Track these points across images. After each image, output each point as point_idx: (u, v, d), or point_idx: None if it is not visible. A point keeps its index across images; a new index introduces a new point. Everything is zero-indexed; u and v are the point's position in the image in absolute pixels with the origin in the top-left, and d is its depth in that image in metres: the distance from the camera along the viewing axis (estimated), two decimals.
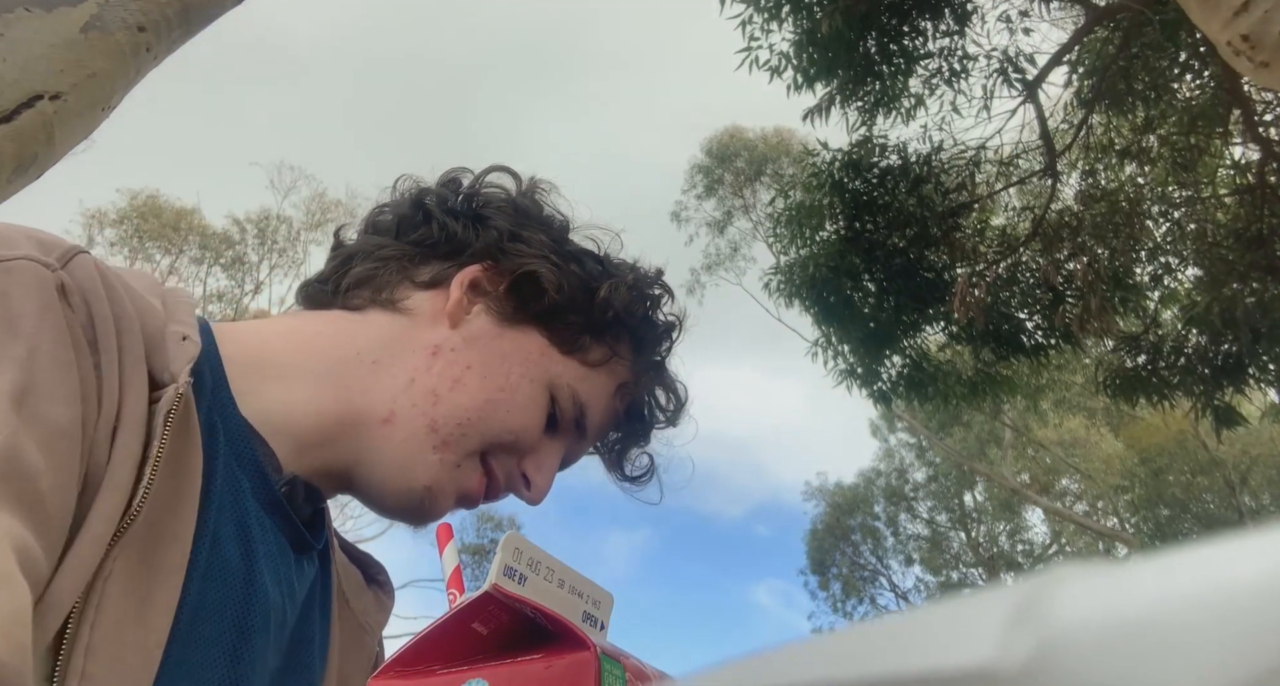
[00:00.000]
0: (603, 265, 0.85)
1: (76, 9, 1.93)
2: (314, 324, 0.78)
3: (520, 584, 0.44)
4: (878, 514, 21.57)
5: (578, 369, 0.81)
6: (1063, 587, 0.15)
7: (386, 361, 0.75)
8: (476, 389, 0.76)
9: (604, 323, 0.82)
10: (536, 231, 0.83)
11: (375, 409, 0.73)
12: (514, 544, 0.45)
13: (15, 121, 1.78)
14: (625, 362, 0.85)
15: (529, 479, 0.80)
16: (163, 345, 0.61)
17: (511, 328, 0.80)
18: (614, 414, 0.85)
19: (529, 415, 0.77)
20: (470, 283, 0.80)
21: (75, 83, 1.89)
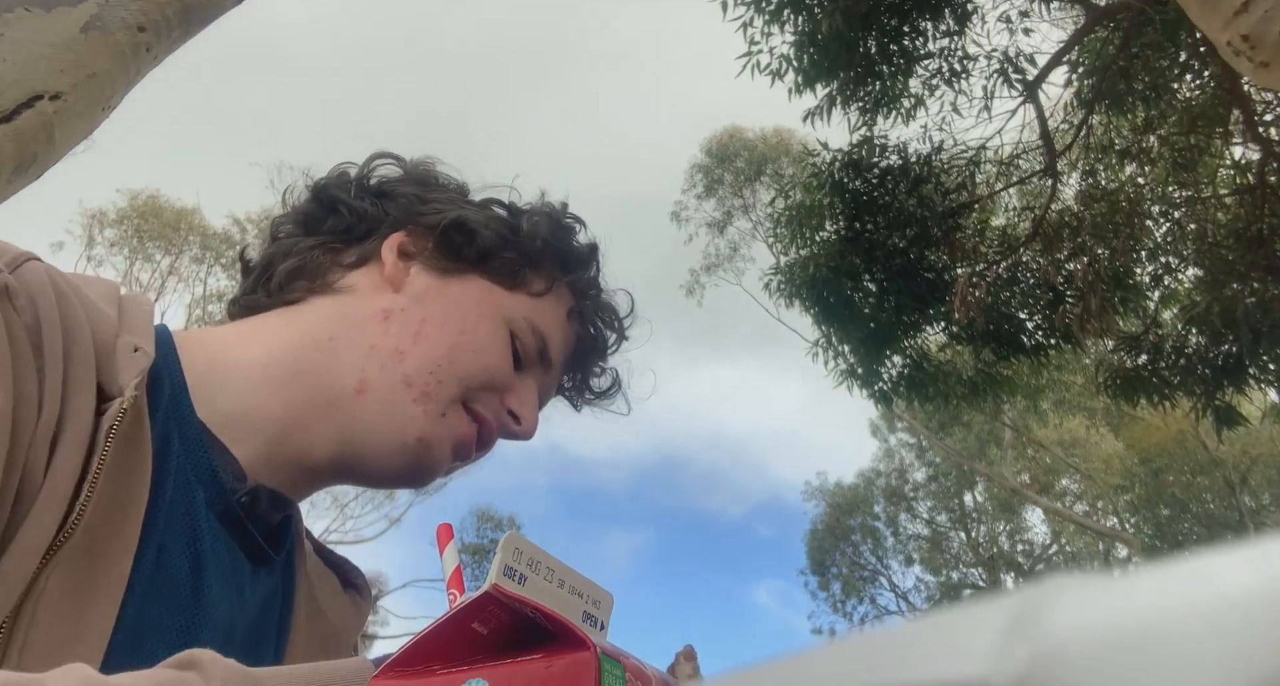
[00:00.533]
0: (511, 207, 0.87)
1: (76, 9, 1.93)
2: (263, 322, 0.79)
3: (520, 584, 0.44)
4: (878, 514, 21.58)
5: (527, 301, 0.83)
6: (1058, 599, 0.15)
7: (342, 336, 0.76)
8: (438, 337, 0.76)
9: (536, 253, 0.84)
10: (441, 191, 0.86)
11: (344, 383, 0.74)
12: (514, 544, 0.45)
13: (15, 121, 1.79)
14: (565, 286, 0.86)
15: (515, 414, 0.80)
16: (113, 356, 0.60)
17: (453, 277, 0.81)
18: (572, 337, 0.86)
19: (495, 353, 0.78)
20: (399, 248, 0.81)
21: (75, 83, 1.89)
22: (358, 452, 0.74)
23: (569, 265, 0.87)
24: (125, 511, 0.58)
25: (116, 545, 0.57)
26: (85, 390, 0.57)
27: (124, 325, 0.65)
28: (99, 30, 1.94)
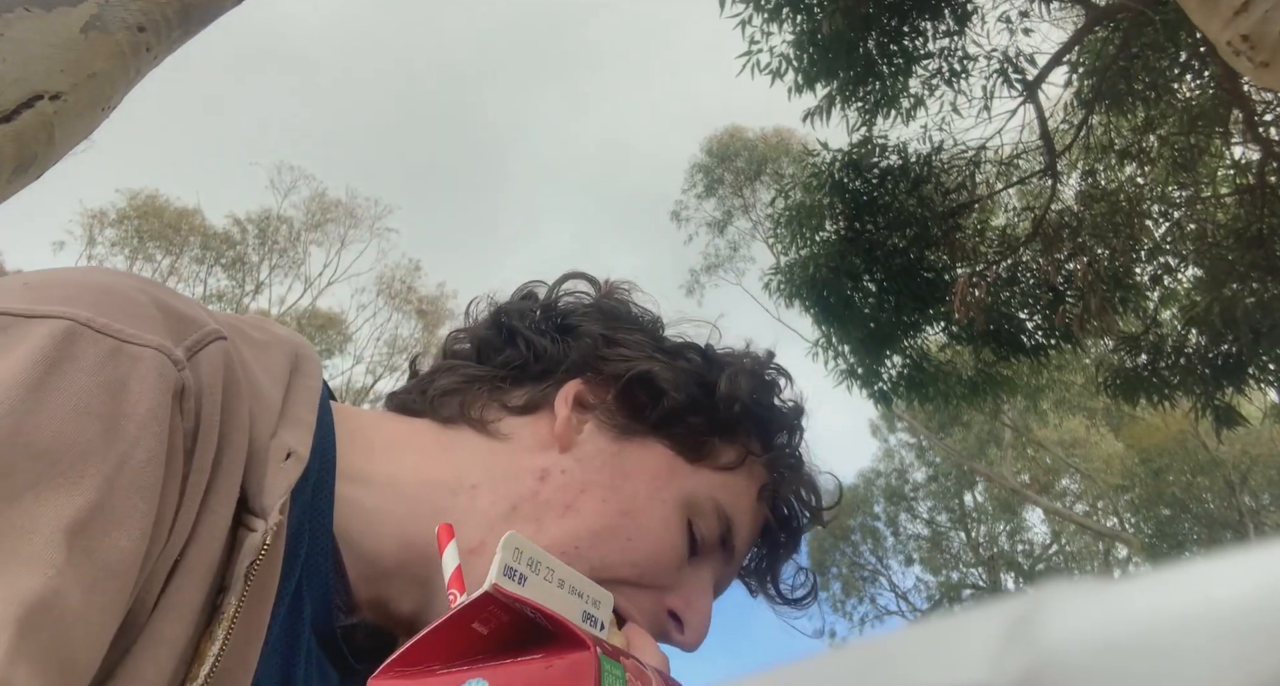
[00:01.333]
0: (709, 357, 0.76)
1: (76, 9, 1.93)
2: (417, 432, 0.69)
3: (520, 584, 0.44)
4: (878, 514, 21.58)
5: (713, 477, 0.70)
6: (1054, 606, 0.15)
7: (486, 486, 0.65)
8: (593, 513, 0.65)
9: (731, 419, 0.72)
10: (632, 332, 0.75)
11: (468, 538, 0.61)
12: (514, 544, 0.45)
13: (15, 121, 1.79)
14: (761, 461, 0.74)
15: (680, 617, 0.67)
16: (265, 462, 0.53)
17: (629, 442, 0.70)
18: (761, 522, 0.74)
19: (660, 541, 0.66)
20: (575, 399, 0.70)
21: (75, 83, 1.90)
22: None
23: (768, 435, 0.75)
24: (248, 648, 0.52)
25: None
26: (224, 503, 0.50)
27: (286, 414, 0.57)
28: (99, 30, 1.94)
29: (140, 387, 0.46)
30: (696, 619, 0.68)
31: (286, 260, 19.76)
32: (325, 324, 19.37)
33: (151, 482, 0.45)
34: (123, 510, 0.43)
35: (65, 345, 0.45)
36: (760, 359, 0.79)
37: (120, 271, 0.54)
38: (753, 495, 0.73)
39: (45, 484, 0.41)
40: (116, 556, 0.43)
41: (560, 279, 0.79)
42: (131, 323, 0.48)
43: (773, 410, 0.76)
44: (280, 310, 19.03)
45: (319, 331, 19.01)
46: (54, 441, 0.42)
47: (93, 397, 0.44)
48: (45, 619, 0.39)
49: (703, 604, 0.69)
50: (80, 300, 0.47)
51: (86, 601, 0.41)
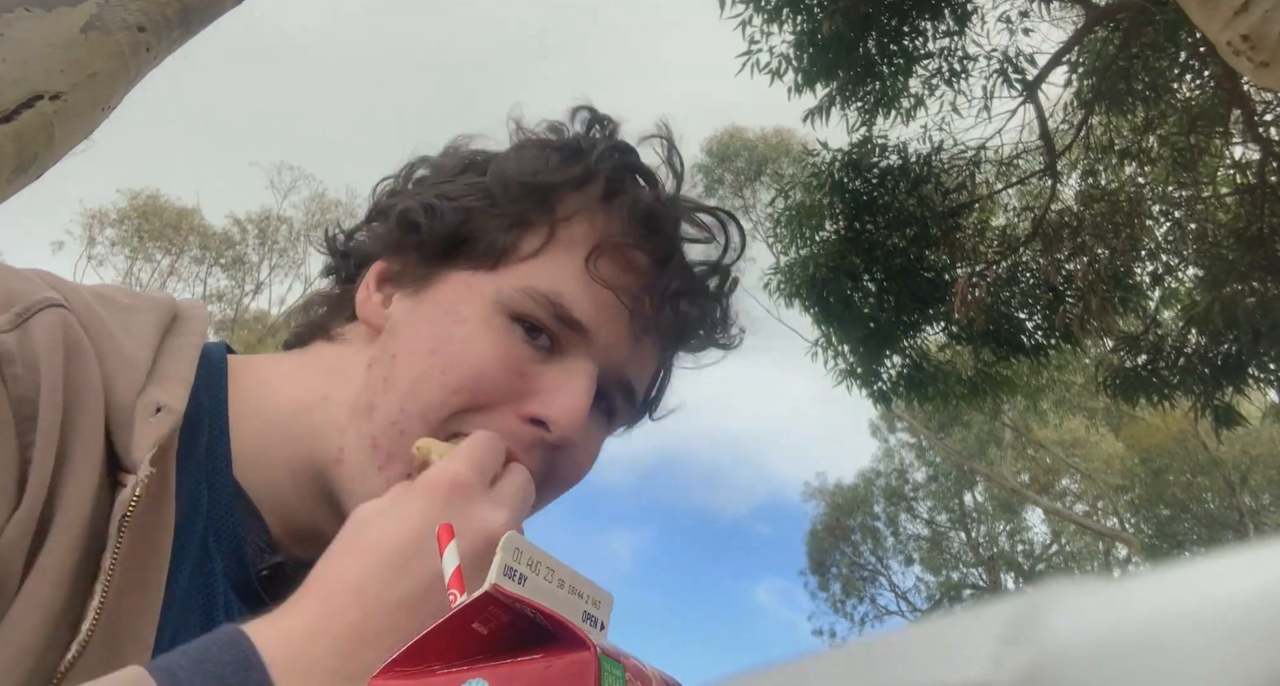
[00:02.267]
0: (478, 159, 0.72)
1: (76, 9, 1.93)
2: (280, 364, 0.71)
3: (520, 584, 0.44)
4: (878, 514, 21.58)
5: (521, 269, 0.66)
6: (1055, 605, 0.15)
7: (335, 393, 0.66)
8: (404, 373, 0.64)
9: (515, 206, 0.67)
10: (426, 182, 0.73)
11: (329, 450, 0.64)
12: (514, 544, 0.45)
13: (15, 121, 1.79)
14: (577, 221, 0.68)
15: (538, 418, 0.64)
16: (130, 419, 0.53)
17: (428, 287, 0.68)
18: (604, 283, 0.67)
19: (476, 358, 0.63)
20: (376, 277, 0.70)
21: (75, 83, 1.90)
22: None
23: (570, 201, 0.68)
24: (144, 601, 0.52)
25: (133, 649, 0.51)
26: (86, 464, 0.50)
27: (155, 373, 0.57)
28: (99, 30, 1.94)
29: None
30: (554, 410, 0.63)
31: (286, 260, 19.77)
32: None
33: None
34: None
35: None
36: (554, 124, 0.74)
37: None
38: (580, 261, 0.66)
39: None
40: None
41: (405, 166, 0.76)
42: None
43: (566, 169, 0.69)
44: (280, 310, 19.03)
45: None
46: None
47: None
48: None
49: (562, 394, 0.64)
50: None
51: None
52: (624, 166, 0.71)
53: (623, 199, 0.69)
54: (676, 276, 0.69)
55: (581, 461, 0.70)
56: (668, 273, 0.69)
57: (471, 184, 0.69)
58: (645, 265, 0.69)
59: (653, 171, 0.73)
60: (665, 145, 0.74)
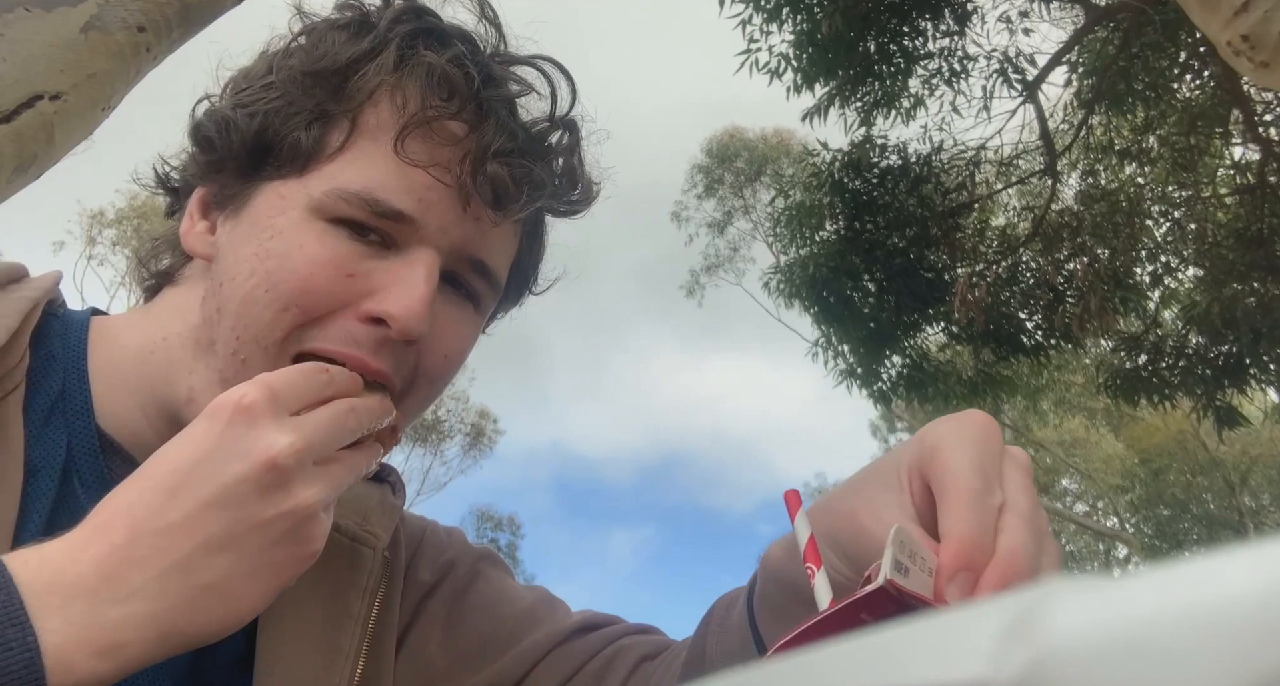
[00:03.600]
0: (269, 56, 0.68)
1: (76, 9, 1.93)
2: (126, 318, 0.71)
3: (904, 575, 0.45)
4: None
5: (328, 169, 0.62)
6: (1056, 603, 0.15)
7: (174, 333, 0.65)
8: (231, 298, 0.61)
9: (309, 100, 0.63)
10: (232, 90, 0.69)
11: (178, 393, 0.63)
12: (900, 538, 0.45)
13: (15, 121, 1.79)
14: (378, 102, 0.63)
15: (377, 316, 0.61)
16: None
17: (244, 205, 0.65)
18: (417, 163, 0.62)
19: (296, 269, 0.60)
20: (199, 206, 0.68)
21: (75, 83, 1.90)
22: None
23: (363, 82, 0.63)
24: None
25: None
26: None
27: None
28: (99, 30, 1.94)
29: None
30: (392, 307, 0.60)
31: None
32: None
33: None
34: None
35: None
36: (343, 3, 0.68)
37: None
38: (387, 147, 0.62)
39: None
40: None
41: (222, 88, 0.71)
42: None
43: (354, 46, 0.64)
44: None
45: None
46: None
47: None
48: None
49: (397, 290, 0.60)
50: None
51: None
52: (418, 31, 0.65)
53: (419, 66, 0.63)
54: (495, 139, 0.63)
55: (450, 354, 0.66)
56: (483, 137, 0.63)
57: (266, 85, 0.65)
58: (461, 134, 0.64)
59: (458, 29, 0.67)
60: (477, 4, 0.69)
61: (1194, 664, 0.12)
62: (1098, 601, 0.14)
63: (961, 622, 0.16)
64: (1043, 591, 0.15)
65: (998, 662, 0.14)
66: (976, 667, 0.14)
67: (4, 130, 1.76)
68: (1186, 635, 0.13)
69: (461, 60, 0.64)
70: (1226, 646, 0.12)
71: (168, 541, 0.46)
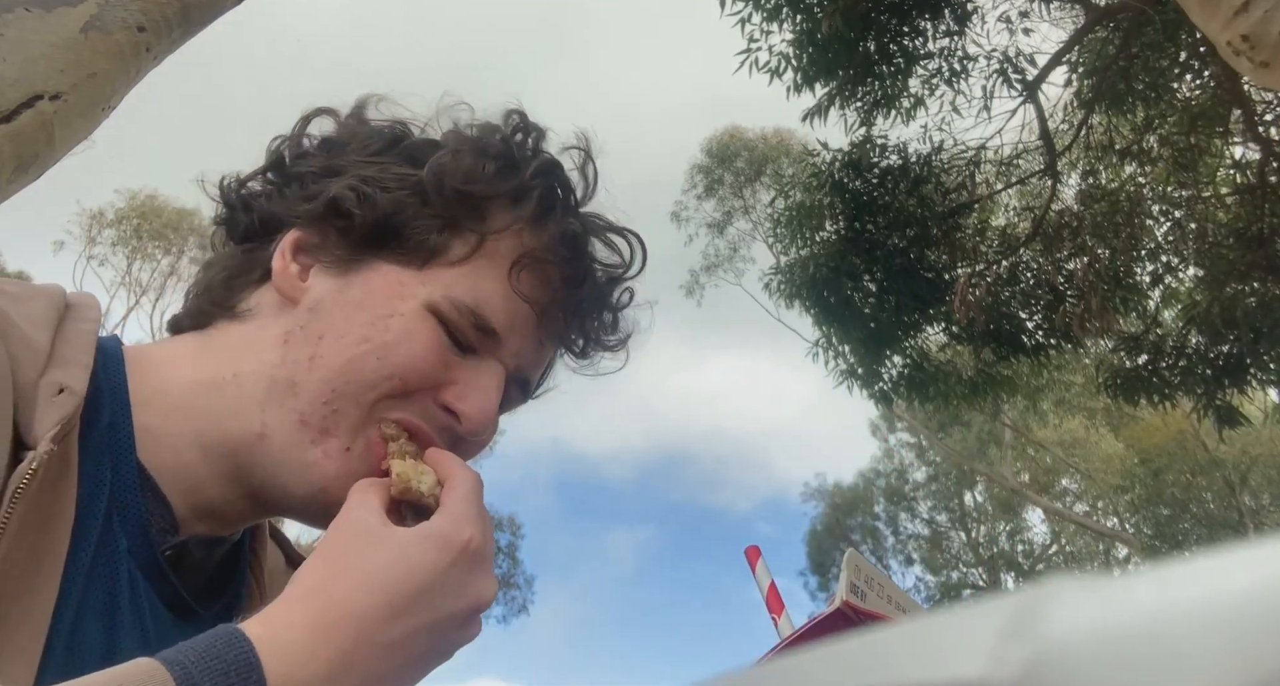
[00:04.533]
0: (436, 146, 0.73)
1: (76, 9, 1.93)
2: (179, 348, 0.71)
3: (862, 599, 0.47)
4: (878, 514, 21.59)
5: (448, 274, 0.69)
6: (1056, 600, 0.15)
7: (245, 372, 0.67)
8: (335, 355, 0.66)
9: (449, 209, 0.70)
10: (349, 155, 0.72)
11: (248, 428, 0.65)
12: (855, 562, 0.47)
13: (15, 121, 1.79)
14: (504, 234, 0.71)
15: (453, 409, 0.68)
16: (33, 400, 0.55)
17: (355, 272, 0.69)
18: (521, 296, 0.71)
19: (408, 350, 0.66)
20: (294, 247, 0.70)
21: (75, 83, 1.89)
22: (275, 501, 0.67)
23: (507, 207, 0.72)
24: (39, 576, 0.53)
25: (28, 615, 0.52)
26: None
27: (56, 356, 0.59)
28: (99, 30, 1.94)
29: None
30: (468, 406, 0.68)
31: None
32: None
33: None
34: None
35: None
36: (490, 128, 0.75)
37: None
38: (503, 273, 0.70)
39: None
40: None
41: (300, 121, 0.76)
42: None
43: (497, 182, 0.71)
44: None
45: None
46: None
47: None
48: None
49: (477, 392, 0.69)
50: None
51: None
52: (554, 188, 0.74)
53: (551, 220, 0.73)
54: (589, 298, 0.75)
55: (483, 445, 0.75)
56: (581, 294, 0.74)
57: (403, 175, 0.70)
58: (559, 281, 0.73)
59: (574, 190, 0.76)
60: (582, 157, 0.78)
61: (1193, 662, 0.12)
62: (1097, 600, 0.14)
63: (961, 621, 0.16)
64: (1042, 590, 0.15)
65: (997, 661, 0.14)
66: (976, 666, 0.14)
67: (4, 130, 1.76)
68: (1186, 634, 0.13)
69: (578, 225, 0.74)
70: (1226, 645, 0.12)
71: (385, 656, 0.53)
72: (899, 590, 0.54)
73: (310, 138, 0.76)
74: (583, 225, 0.75)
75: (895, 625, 0.17)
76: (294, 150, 0.75)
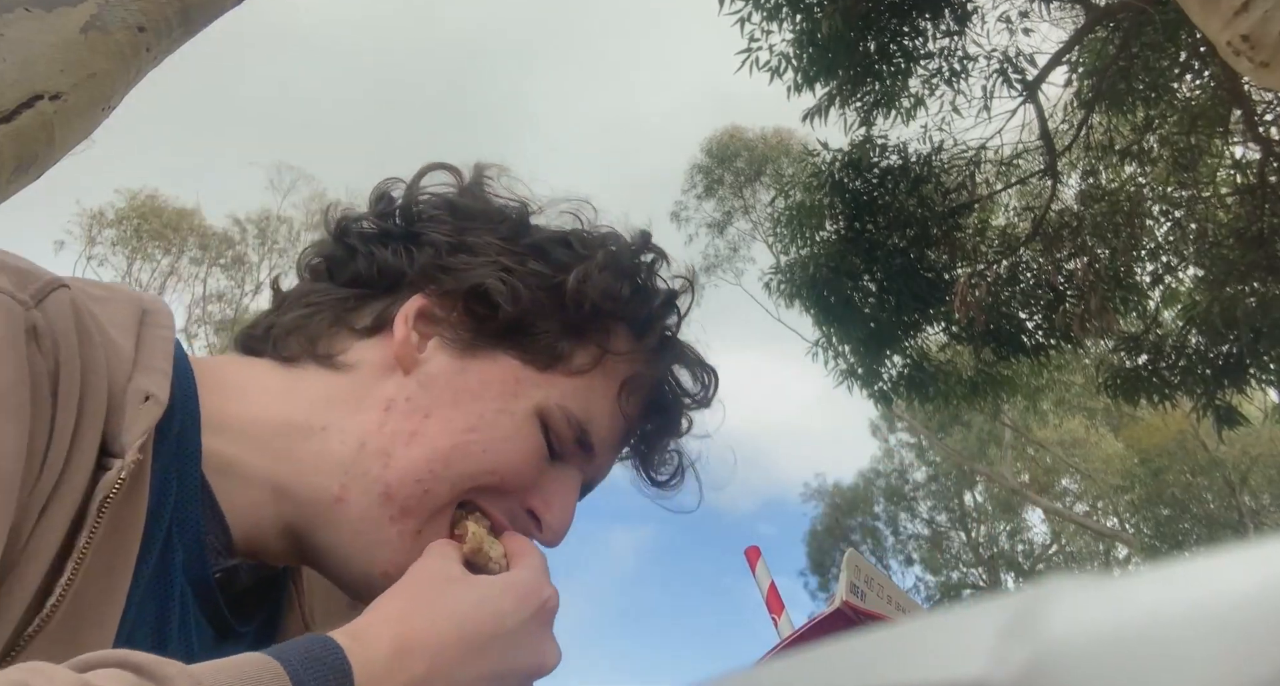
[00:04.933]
0: (571, 247, 0.72)
1: (76, 9, 1.93)
2: (262, 377, 0.69)
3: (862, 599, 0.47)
4: (878, 514, 21.59)
5: (564, 383, 0.69)
6: (1056, 600, 0.15)
7: (336, 426, 0.65)
8: (439, 436, 0.65)
9: (581, 319, 0.70)
10: (483, 233, 0.71)
11: (327, 486, 0.64)
12: (854, 562, 0.48)
13: (15, 121, 1.79)
14: (623, 356, 0.72)
15: (538, 515, 0.69)
16: (122, 407, 0.54)
17: (475, 357, 0.68)
18: (624, 418, 0.73)
19: (513, 451, 0.66)
20: (417, 315, 0.69)
21: (75, 83, 1.89)
22: (327, 564, 0.66)
23: (627, 330, 0.73)
24: (110, 587, 0.53)
25: (96, 625, 0.52)
26: (89, 446, 0.51)
27: (140, 362, 0.58)
28: (99, 30, 1.94)
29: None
30: (553, 517, 0.69)
31: (286, 260, 19.77)
32: None
33: (16, 406, 0.46)
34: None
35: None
36: (629, 244, 0.75)
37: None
38: (612, 392, 0.72)
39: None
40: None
41: (417, 174, 0.75)
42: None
43: (632, 305, 0.72)
44: None
45: None
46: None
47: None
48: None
49: (561, 503, 0.70)
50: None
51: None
52: (672, 328, 0.77)
53: (666, 353, 0.76)
54: (679, 430, 0.78)
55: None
56: (674, 425, 0.77)
57: (542, 275, 0.70)
58: (658, 410, 0.76)
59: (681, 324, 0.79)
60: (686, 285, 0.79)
61: (1193, 662, 0.12)
62: (1097, 600, 0.14)
63: (961, 621, 0.16)
64: (1042, 590, 0.15)
65: (997, 661, 0.14)
66: (976, 666, 0.14)
67: (4, 130, 1.76)
68: (1186, 634, 0.13)
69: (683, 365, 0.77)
70: (1226, 645, 0.12)
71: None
72: (899, 590, 0.54)
73: (429, 195, 0.75)
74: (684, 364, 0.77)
75: (895, 625, 0.17)
76: (415, 205, 0.74)
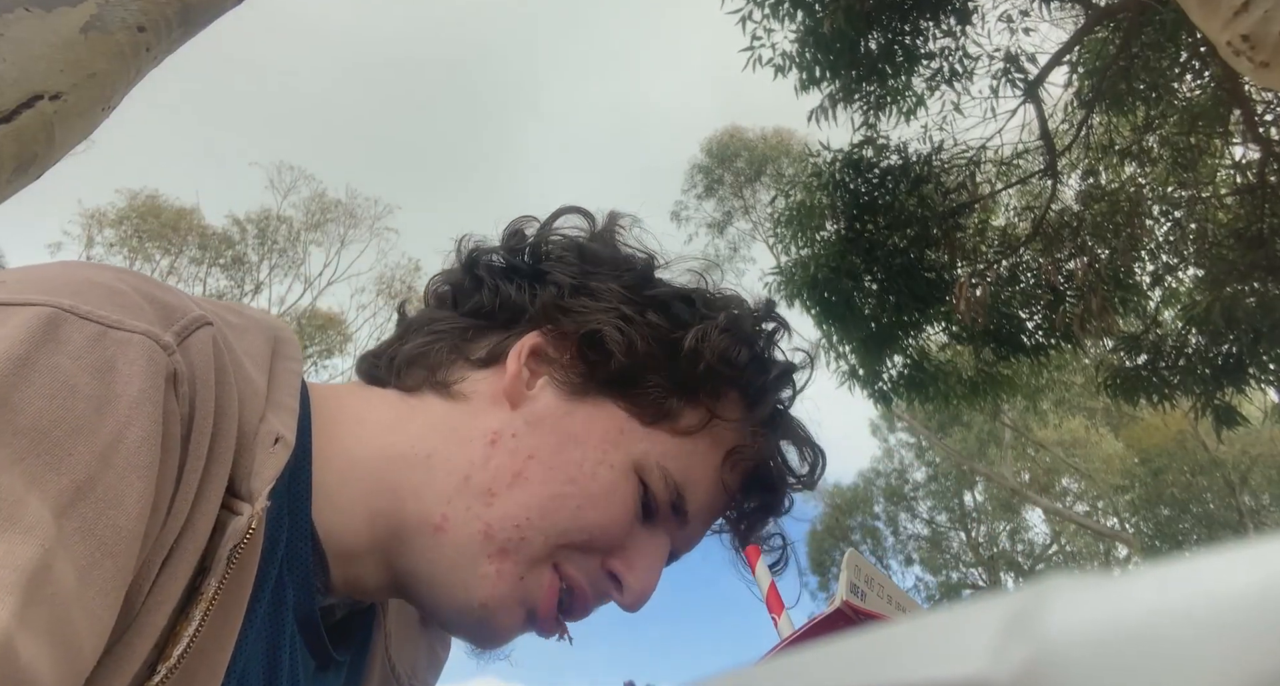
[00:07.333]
0: (693, 306, 0.71)
1: (76, 9, 1.93)
2: (378, 406, 0.68)
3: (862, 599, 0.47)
4: (878, 514, 21.59)
5: (668, 441, 0.67)
6: (1056, 599, 0.15)
7: (442, 455, 0.64)
8: (540, 481, 0.63)
9: (695, 379, 0.68)
10: (607, 279, 0.70)
11: (428, 514, 0.63)
12: (854, 562, 0.48)
13: (15, 121, 1.79)
14: (732, 423, 0.70)
15: (619, 578, 0.66)
16: (253, 448, 0.53)
17: (583, 401, 0.67)
18: (724, 488, 0.71)
19: (609, 507, 0.65)
20: (530, 352, 0.68)
21: (75, 83, 1.89)
22: (423, 592, 0.65)
23: (739, 398, 0.71)
24: (225, 633, 0.52)
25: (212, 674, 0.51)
26: (216, 490, 0.50)
27: (271, 400, 0.56)
28: (99, 30, 1.94)
29: (129, 370, 0.45)
30: (635, 580, 0.66)
31: (286, 260, 19.78)
32: (325, 324, 19.37)
33: (147, 462, 0.44)
34: (118, 489, 0.43)
35: (49, 330, 0.44)
36: (752, 310, 0.74)
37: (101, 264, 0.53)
38: (716, 460, 0.69)
39: (31, 460, 0.40)
40: (113, 536, 0.42)
41: (552, 215, 0.75)
42: (116, 310, 0.47)
43: (747, 372, 0.70)
44: (280, 310, 19.03)
45: (319, 331, 19.02)
46: (38, 419, 0.41)
47: (78, 380, 0.43)
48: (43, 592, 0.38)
49: (645, 567, 0.67)
50: (62, 290, 0.47)
51: (82, 583, 0.40)
52: (785, 402, 0.74)
53: (777, 430, 0.73)
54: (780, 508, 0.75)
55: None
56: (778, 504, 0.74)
57: (660, 328, 0.69)
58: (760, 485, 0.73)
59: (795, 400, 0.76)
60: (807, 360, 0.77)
61: (1193, 662, 0.12)
62: (1097, 598, 0.14)
63: (961, 620, 0.16)
64: (1042, 588, 0.15)
65: (997, 660, 0.14)
66: (975, 665, 0.14)
67: (4, 130, 1.76)
68: (1186, 633, 0.13)
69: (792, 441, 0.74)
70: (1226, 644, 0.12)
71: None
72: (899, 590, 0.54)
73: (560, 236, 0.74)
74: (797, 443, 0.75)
75: (895, 625, 0.17)
76: (546, 244, 0.73)
